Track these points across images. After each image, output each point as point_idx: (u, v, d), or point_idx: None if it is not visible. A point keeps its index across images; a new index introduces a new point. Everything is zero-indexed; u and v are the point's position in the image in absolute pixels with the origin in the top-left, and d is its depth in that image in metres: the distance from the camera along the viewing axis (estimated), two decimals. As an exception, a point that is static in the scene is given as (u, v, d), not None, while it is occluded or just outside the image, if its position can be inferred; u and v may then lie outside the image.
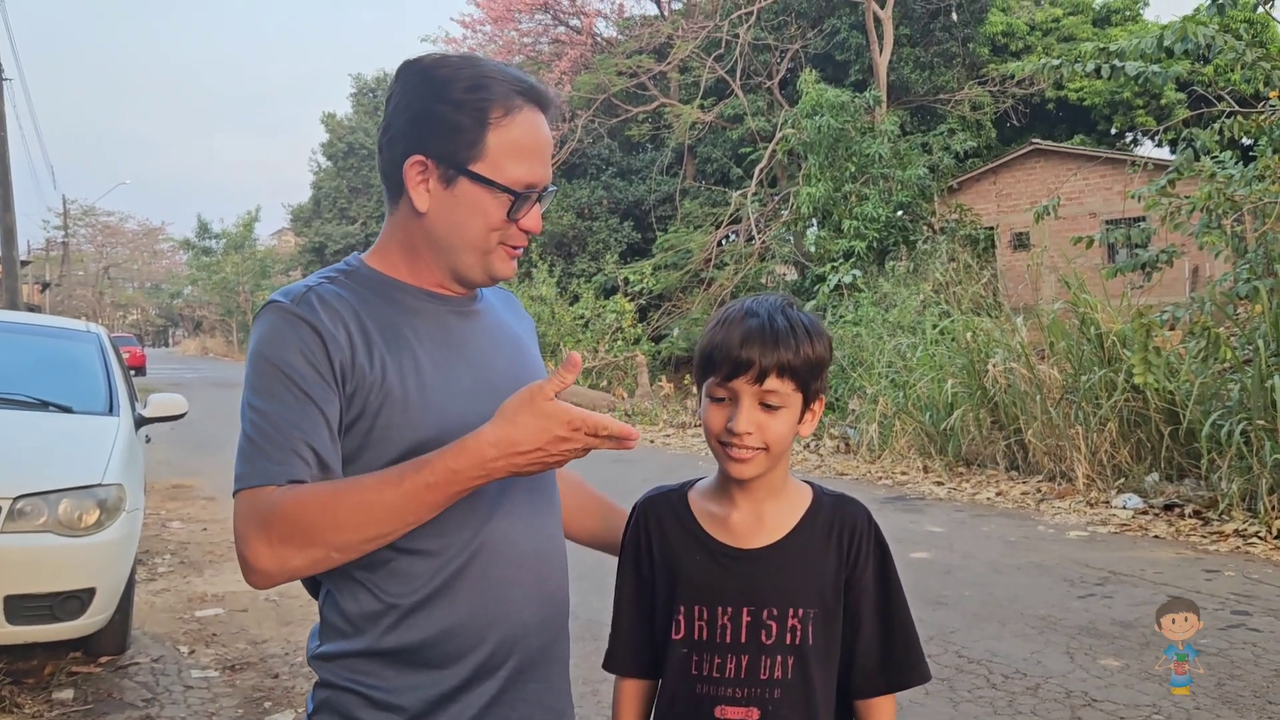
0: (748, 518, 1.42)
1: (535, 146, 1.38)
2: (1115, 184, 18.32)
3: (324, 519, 1.24)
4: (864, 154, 16.92)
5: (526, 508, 1.40)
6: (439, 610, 1.32)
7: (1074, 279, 8.72)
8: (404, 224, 1.40)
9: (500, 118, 1.35)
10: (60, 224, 53.97)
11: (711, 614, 1.38)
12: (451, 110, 1.34)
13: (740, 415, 1.34)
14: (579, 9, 24.97)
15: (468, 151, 1.35)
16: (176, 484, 9.79)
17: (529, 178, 1.37)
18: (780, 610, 1.37)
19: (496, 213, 1.36)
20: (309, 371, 1.28)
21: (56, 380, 5.16)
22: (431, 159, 1.35)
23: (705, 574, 1.39)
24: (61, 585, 3.98)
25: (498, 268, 1.40)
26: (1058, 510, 7.50)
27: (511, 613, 1.36)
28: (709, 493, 1.47)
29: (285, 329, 1.30)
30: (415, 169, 1.35)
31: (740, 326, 1.36)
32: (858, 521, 1.44)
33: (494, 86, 1.36)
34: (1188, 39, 6.43)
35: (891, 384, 10.54)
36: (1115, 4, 23.32)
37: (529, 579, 1.39)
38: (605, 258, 21.58)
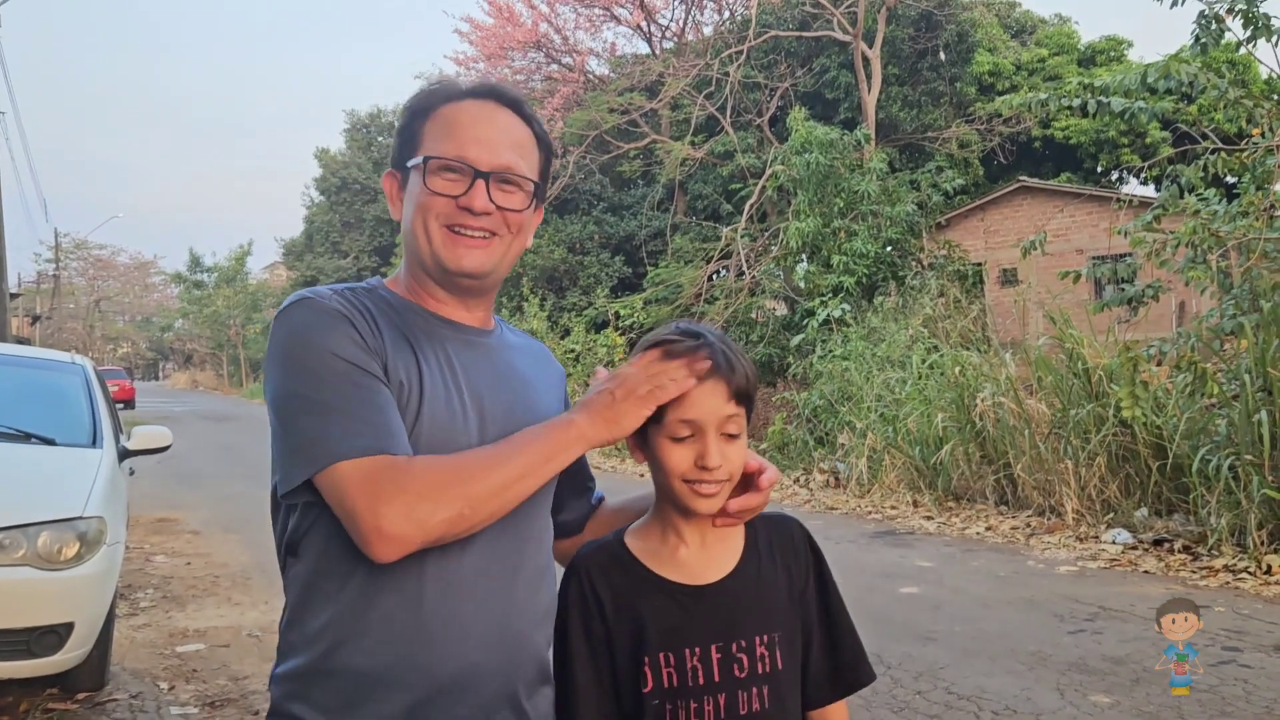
0: (695, 552, 1.39)
1: (467, 123, 1.37)
2: (1101, 221, 18.46)
3: (459, 473, 1.23)
4: (853, 190, 17.03)
5: (491, 545, 1.32)
6: (372, 634, 1.26)
7: (1060, 314, 8.76)
8: (402, 243, 1.47)
9: (434, 113, 1.38)
10: (52, 257, 53.96)
11: (679, 658, 1.33)
12: (406, 121, 1.41)
13: (711, 449, 1.32)
14: (571, 47, 25.20)
15: (409, 150, 1.39)
16: (162, 518, 9.71)
17: (457, 151, 1.35)
18: (748, 640, 1.35)
19: (421, 190, 1.36)
20: (363, 355, 1.28)
21: (40, 412, 5.13)
22: (396, 170, 1.42)
23: (667, 618, 1.35)
24: (39, 620, 3.92)
25: (445, 255, 1.36)
26: (1047, 545, 7.47)
27: (458, 651, 1.28)
28: (648, 534, 1.42)
29: (324, 318, 1.29)
30: (389, 184, 1.44)
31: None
32: (794, 535, 1.45)
33: (438, 93, 1.40)
34: (1171, 77, 6.51)
35: (880, 418, 10.54)
36: (1100, 45, 23.65)
37: (487, 620, 1.30)
38: (596, 292, 21.62)
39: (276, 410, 1.28)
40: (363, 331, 1.30)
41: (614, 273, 23.10)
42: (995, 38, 23.34)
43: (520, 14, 24.58)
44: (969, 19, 22.11)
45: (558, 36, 25.12)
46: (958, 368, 9.74)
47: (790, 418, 13.21)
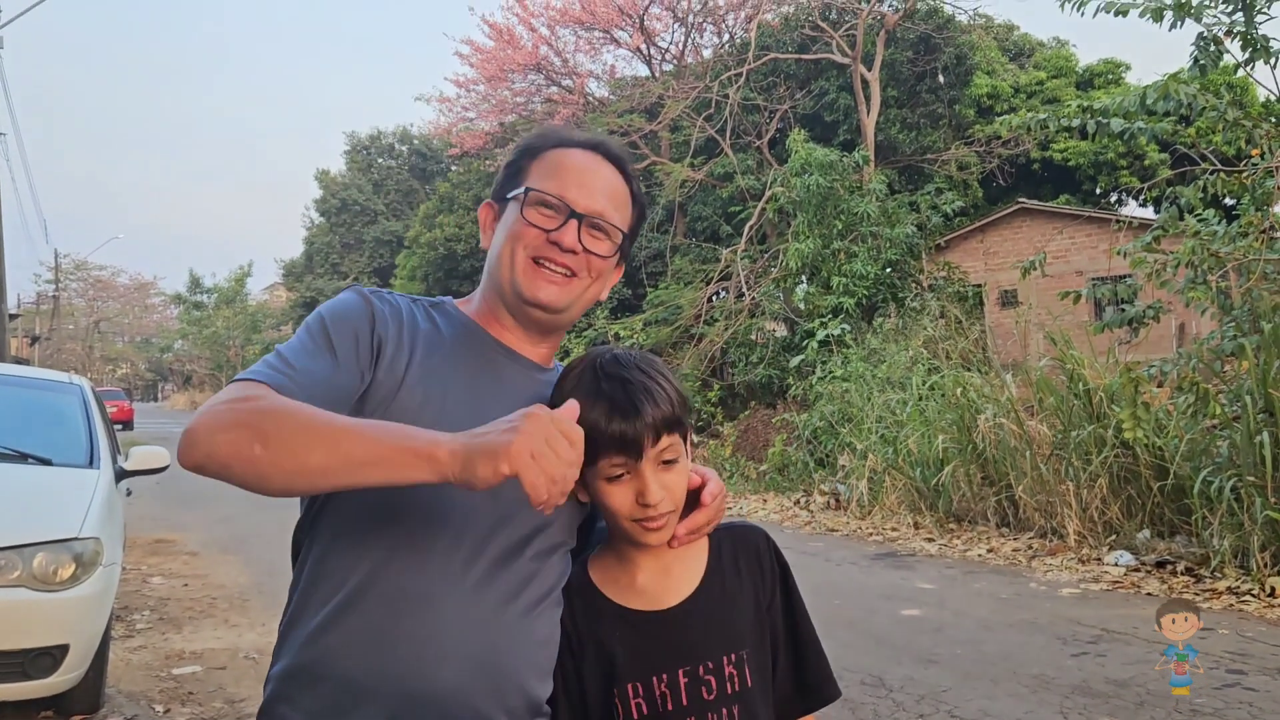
0: (654, 575, 1.37)
1: (573, 168, 1.44)
2: (1100, 243, 18.48)
3: (286, 419, 1.17)
4: (852, 212, 17.07)
5: (489, 573, 1.30)
6: (355, 642, 1.26)
7: (1061, 335, 8.74)
8: (485, 268, 1.49)
9: (545, 154, 1.45)
10: (51, 278, 54.02)
11: (647, 687, 1.31)
12: (515, 158, 1.49)
13: (650, 486, 1.29)
14: (571, 69, 25.34)
15: (513, 182, 1.46)
16: (159, 539, 9.66)
17: (558, 191, 1.41)
18: (715, 661, 1.33)
19: (517, 219, 1.41)
20: (347, 334, 1.33)
21: (37, 432, 5.11)
22: (494, 202, 1.49)
23: (631, 647, 1.33)
24: (34, 641, 3.90)
25: (523, 283, 1.39)
26: (1049, 567, 7.43)
27: (431, 671, 1.26)
28: (607, 562, 1.40)
29: (348, 300, 1.39)
30: (485, 214, 1.50)
31: (610, 404, 1.28)
32: (759, 545, 1.41)
33: (553, 135, 1.49)
34: (1170, 97, 6.52)
35: (881, 439, 10.51)
36: (1098, 68, 23.75)
37: (467, 644, 1.27)
38: (596, 313, 21.60)
39: None
40: (377, 317, 1.36)
41: (614, 294, 23.09)
42: (994, 60, 23.46)
43: (521, 37, 24.74)
44: (967, 42, 22.23)
45: (558, 59, 25.28)
46: (959, 388, 9.72)
47: (790, 439, 13.18)
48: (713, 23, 24.33)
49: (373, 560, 1.29)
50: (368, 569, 1.28)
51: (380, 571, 1.28)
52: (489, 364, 1.41)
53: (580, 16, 23.76)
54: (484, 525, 1.32)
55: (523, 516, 1.32)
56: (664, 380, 1.32)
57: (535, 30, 24.63)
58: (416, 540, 1.29)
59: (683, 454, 1.33)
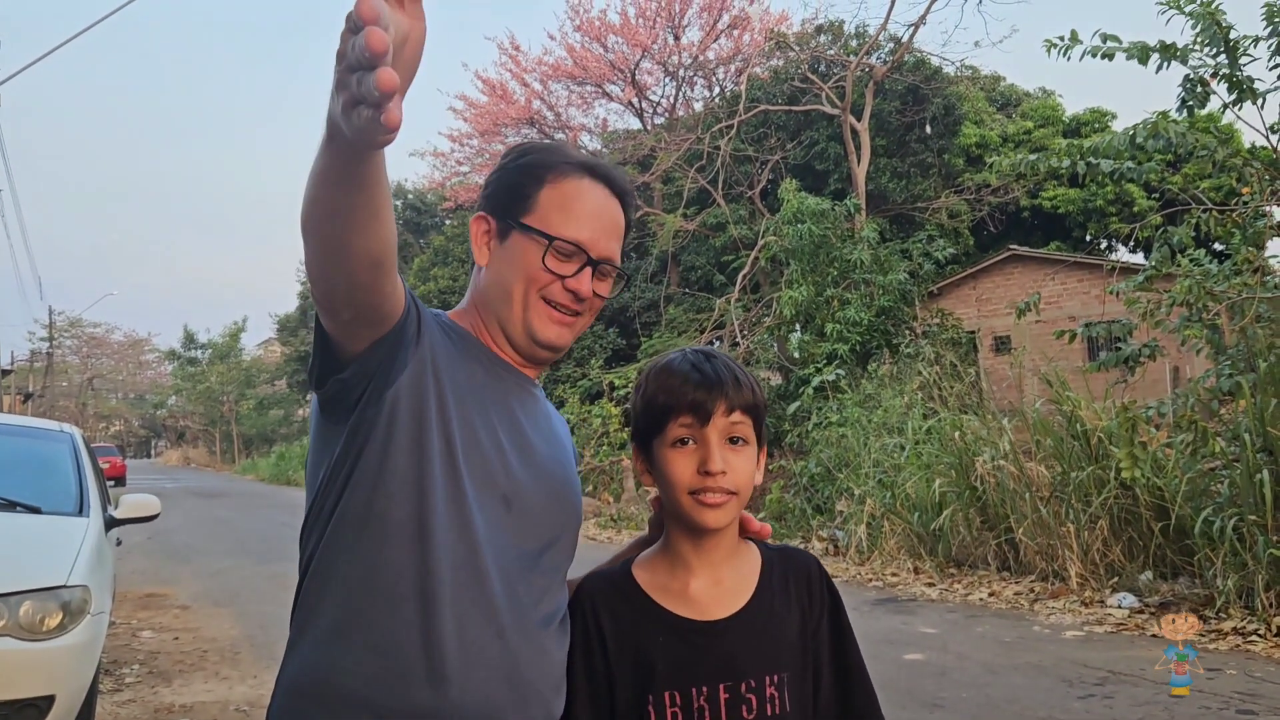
0: (706, 585, 1.34)
1: (589, 209, 1.41)
2: (1092, 288, 18.59)
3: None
4: (845, 260, 17.16)
5: (507, 588, 1.28)
6: (357, 640, 1.25)
7: (1057, 377, 8.73)
8: (474, 281, 1.46)
9: (555, 179, 1.41)
10: (45, 335, 53.97)
11: (685, 698, 1.28)
12: (515, 174, 1.43)
13: (714, 453, 1.29)
14: (564, 123, 25.62)
15: (520, 205, 1.40)
16: (150, 593, 9.52)
17: (576, 235, 1.39)
18: (758, 680, 1.29)
19: (535, 260, 1.37)
20: (384, 302, 1.21)
21: (26, 480, 5.05)
22: (492, 216, 1.43)
23: (674, 656, 1.29)
24: (19, 692, 3.80)
25: (537, 325, 1.39)
26: (1052, 610, 7.34)
27: (450, 679, 1.24)
28: (656, 565, 1.37)
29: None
30: (479, 225, 1.44)
31: (692, 369, 1.33)
32: (810, 571, 1.39)
33: (556, 156, 1.45)
34: (1160, 135, 6.58)
35: (879, 484, 10.44)
36: (1084, 117, 24.07)
37: (491, 653, 1.26)
38: (591, 363, 21.64)
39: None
40: (425, 322, 1.31)
41: (608, 344, 23.17)
42: (981, 111, 23.78)
43: (514, 91, 25.05)
44: (955, 93, 22.54)
45: (550, 113, 25.58)
46: (957, 432, 9.68)
47: (787, 486, 13.10)
48: (703, 76, 24.68)
49: (397, 568, 1.25)
50: (393, 576, 1.24)
51: (406, 578, 1.25)
52: (498, 382, 1.41)
53: (572, 71, 24.09)
54: (503, 538, 1.30)
55: (536, 531, 1.33)
56: (748, 377, 1.36)
57: (528, 85, 24.96)
58: (440, 552, 1.25)
59: (754, 442, 1.33)
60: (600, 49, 23.62)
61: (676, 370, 1.34)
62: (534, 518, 1.34)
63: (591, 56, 23.68)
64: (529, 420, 1.42)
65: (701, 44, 23.47)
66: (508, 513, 1.30)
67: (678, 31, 23.39)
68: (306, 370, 1.31)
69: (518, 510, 1.31)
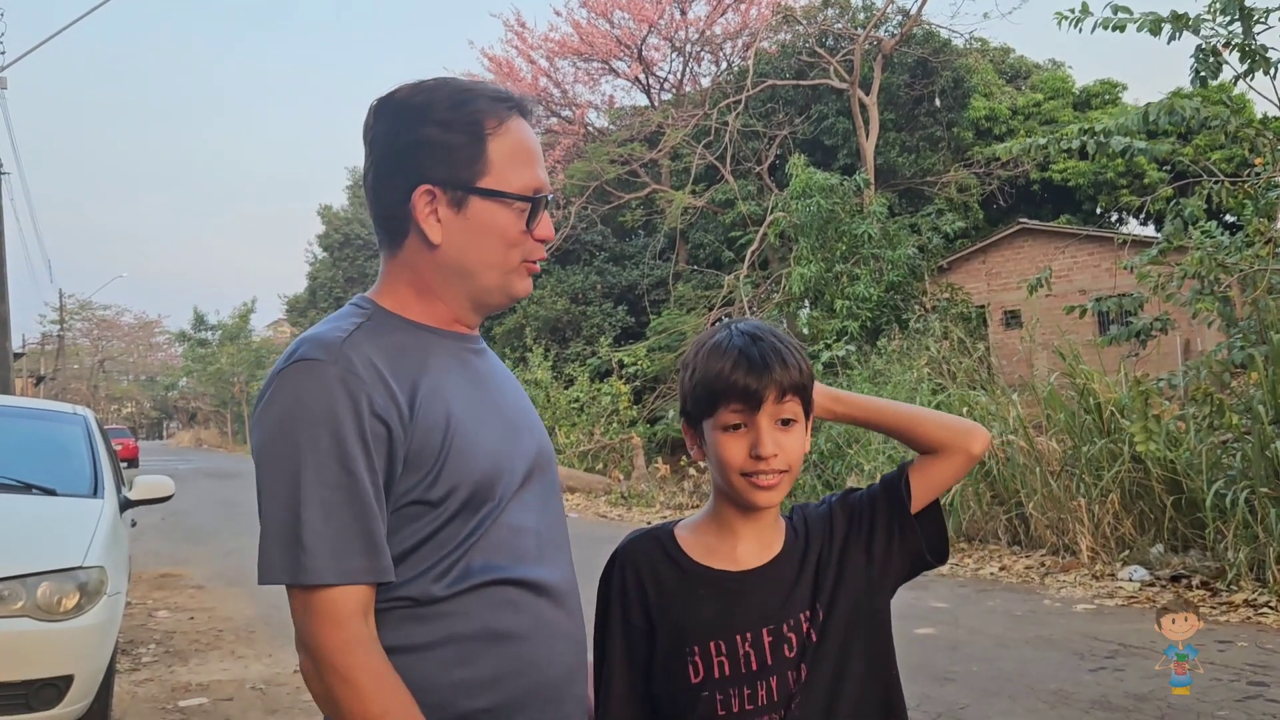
0: (754, 546, 1.38)
1: (530, 149, 1.35)
2: (1103, 261, 18.48)
3: (359, 697, 1.17)
4: (854, 234, 17.10)
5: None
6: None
7: (1069, 350, 8.70)
8: (412, 262, 1.32)
9: (496, 128, 1.31)
10: (56, 318, 54.19)
11: (730, 645, 1.33)
12: (442, 131, 1.29)
13: (765, 437, 1.31)
14: (571, 100, 25.51)
15: (470, 169, 1.30)
16: (165, 573, 9.59)
17: (535, 183, 1.33)
18: (794, 619, 1.35)
19: (514, 225, 1.32)
20: (359, 447, 1.18)
21: (41, 462, 5.08)
22: (437, 186, 1.29)
23: (717, 609, 1.34)
24: (38, 672, 3.84)
25: (518, 286, 1.36)
26: (1063, 584, 7.35)
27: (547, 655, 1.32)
28: (703, 530, 1.40)
29: (332, 392, 1.19)
30: (423, 199, 1.29)
31: (741, 354, 1.33)
32: (821, 507, 1.46)
33: (478, 99, 1.32)
34: (1175, 112, 6.52)
35: (889, 460, 10.45)
36: (1094, 88, 23.86)
37: (569, 625, 1.36)
38: (600, 341, 21.63)
39: (271, 489, 1.21)
40: (375, 400, 1.21)
41: (617, 322, 23.14)
42: (990, 83, 23.58)
43: (520, 69, 24.93)
44: (964, 65, 22.36)
45: (557, 90, 25.46)
46: (965, 407, 9.66)
47: (798, 462, 13.10)
48: (710, 52, 24.53)
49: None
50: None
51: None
52: (456, 359, 1.34)
53: (579, 48, 23.96)
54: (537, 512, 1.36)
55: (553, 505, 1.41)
56: (796, 349, 1.37)
57: (534, 62, 24.85)
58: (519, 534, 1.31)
59: (803, 420, 1.37)
60: (606, 25, 23.48)
61: (726, 353, 1.33)
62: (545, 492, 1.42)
63: (598, 32, 23.54)
64: (483, 384, 1.37)
65: (708, 19, 23.30)
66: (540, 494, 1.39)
67: (684, 6, 23.22)
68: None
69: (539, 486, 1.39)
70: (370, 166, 1.34)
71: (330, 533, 1.17)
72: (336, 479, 1.18)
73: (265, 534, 1.20)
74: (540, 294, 23.36)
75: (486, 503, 1.27)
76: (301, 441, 1.18)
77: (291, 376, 1.21)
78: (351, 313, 1.32)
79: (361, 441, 1.18)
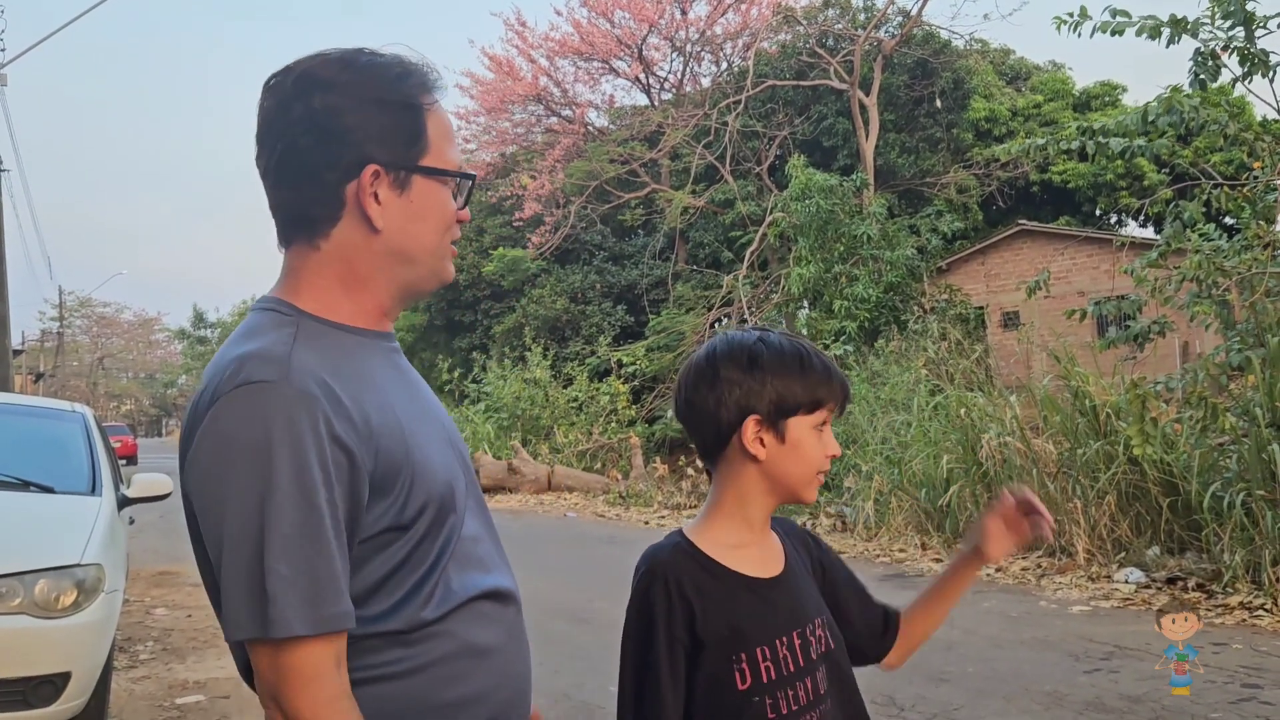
0: (768, 547, 1.46)
1: (451, 125, 1.29)
2: (1101, 263, 18.49)
3: None
4: (853, 235, 17.12)
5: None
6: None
7: (1065, 353, 8.72)
8: (342, 253, 1.20)
9: (431, 105, 1.24)
10: (56, 315, 54.18)
11: (773, 650, 1.37)
12: (381, 109, 1.19)
13: (831, 439, 1.43)
14: (571, 100, 25.52)
15: (413, 148, 1.21)
16: (163, 570, 9.60)
17: (459, 159, 1.28)
18: (813, 623, 1.43)
19: (449, 205, 1.26)
20: (322, 478, 1.07)
21: (39, 460, 5.09)
22: (380, 166, 1.19)
23: (758, 614, 1.39)
24: (35, 669, 3.85)
25: (448, 271, 1.30)
26: (1059, 585, 7.37)
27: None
28: (720, 533, 1.43)
29: (289, 417, 1.07)
30: (370, 180, 1.18)
31: (818, 356, 1.43)
32: (798, 529, 1.56)
33: (412, 75, 1.24)
34: (1174, 110, 6.52)
35: (886, 461, 10.46)
36: (1094, 90, 23.88)
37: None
38: (599, 341, 21.64)
39: (226, 532, 1.07)
40: (336, 423, 1.10)
41: (616, 321, 23.15)
42: (991, 85, 23.59)
43: (520, 68, 24.94)
44: (964, 66, 22.37)
45: (557, 90, 25.47)
46: (963, 409, 9.68)
47: (795, 463, 13.10)
48: (710, 52, 24.55)
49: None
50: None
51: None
52: (389, 365, 1.26)
53: (579, 48, 23.97)
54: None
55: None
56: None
57: (535, 62, 24.85)
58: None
59: None
60: (607, 24, 23.49)
61: (812, 360, 1.41)
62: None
63: (598, 32, 23.55)
64: (413, 389, 1.29)
65: (709, 18, 23.31)
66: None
67: (685, 6, 23.24)
68: None
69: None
70: (285, 149, 1.19)
71: (300, 579, 1.05)
72: (302, 516, 1.06)
73: (226, 583, 1.07)
74: (539, 293, 23.37)
75: (450, 515, 1.21)
76: (257, 475, 1.05)
77: (239, 401, 1.08)
78: (277, 321, 1.18)
79: (324, 472, 1.07)
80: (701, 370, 1.41)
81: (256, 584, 1.04)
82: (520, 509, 14.93)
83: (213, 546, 1.09)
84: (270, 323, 1.18)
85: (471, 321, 26.03)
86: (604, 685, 5.15)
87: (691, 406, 1.42)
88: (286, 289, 1.23)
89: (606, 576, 8.84)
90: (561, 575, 8.44)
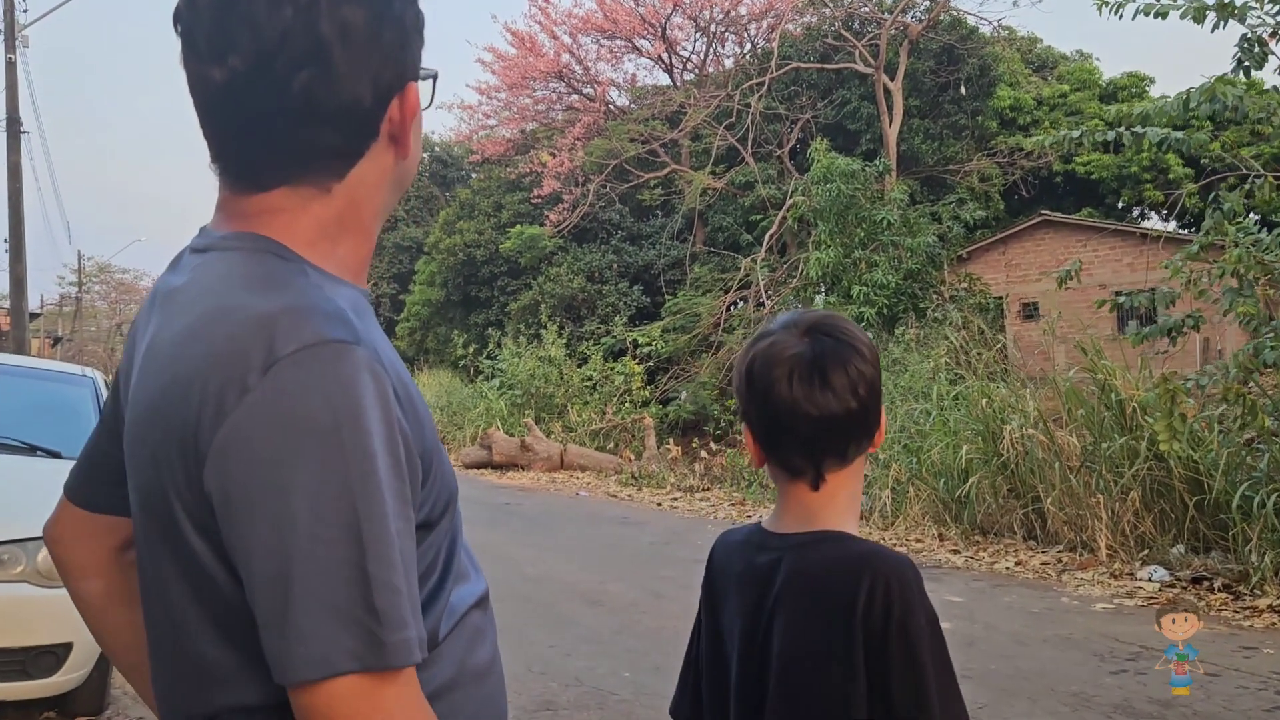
0: None
1: None
2: (1124, 256, 18.26)
3: None
4: (874, 221, 16.93)
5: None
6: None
7: (1091, 345, 8.55)
8: (356, 194, 0.97)
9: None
10: (74, 280, 54.38)
11: None
12: (418, 18, 0.99)
13: None
14: (592, 78, 25.30)
15: (417, 55, 1.00)
16: (171, 540, 9.56)
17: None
18: None
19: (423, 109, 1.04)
20: (398, 467, 0.86)
21: (47, 424, 5.00)
22: (412, 82, 0.99)
23: None
24: (36, 639, 3.77)
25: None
26: (1080, 581, 7.22)
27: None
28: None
29: (379, 388, 0.85)
30: (414, 97, 0.99)
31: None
32: None
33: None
34: (1217, 99, 6.32)
35: (904, 450, 10.32)
36: (1121, 81, 23.55)
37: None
38: (614, 321, 21.52)
39: (305, 531, 0.82)
40: (402, 400, 0.90)
41: (632, 302, 23.02)
42: (1017, 73, 23.29)
43: (543, 45, 24.73)
44: (991, 54, 22.08)
45: (579, 67, 25.26)
46: (984, 399, 9.53)
47: (810, 449, 12.98)
48: (734, 32, 24.27)
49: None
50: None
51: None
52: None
53: (602, 25, 23.74)
54: None
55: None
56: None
57: (557, 38, 24.64)
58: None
59: None
60: (631, 2, 23.25)
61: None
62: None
63: (622, 10, 23.31)
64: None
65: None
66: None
67: (710, -15, 22.97)
68: None
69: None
70: (317, 73, 0.91)
71: (411, 590, 0.85)
72: (398, 509, 0.85)
73: (297, 602, 0.81)
74: (556, 271, 23.25)
75: (456, 511, 1.02)
76: (349, 461, 0.82)
77: (315, 365, 0.83)
78: (290, 268, 0.92)
79: (403, 455, 0.88)
80: (868, 357, 1.36)
81: (358, 598, 0.81)
82: (532, 486, 14.85)
83: (264, 558, 0.82)
84: (284, 270, 0.92)
85: (488, 298, 25.91)
86: (616, 669, 5.05)
87: (874, 391, 1.36)
88: (283, 230, 0.94)
89: (619, 558, 8.73)
90: (574, 555, 8.35)
